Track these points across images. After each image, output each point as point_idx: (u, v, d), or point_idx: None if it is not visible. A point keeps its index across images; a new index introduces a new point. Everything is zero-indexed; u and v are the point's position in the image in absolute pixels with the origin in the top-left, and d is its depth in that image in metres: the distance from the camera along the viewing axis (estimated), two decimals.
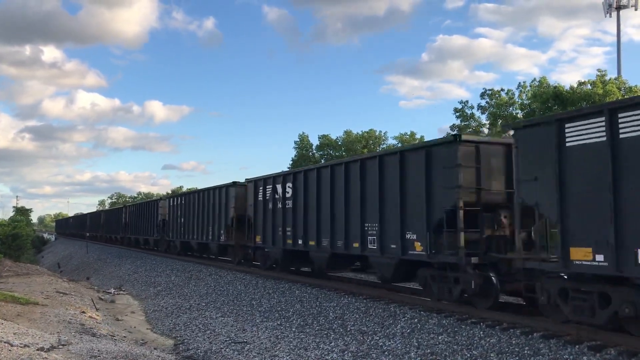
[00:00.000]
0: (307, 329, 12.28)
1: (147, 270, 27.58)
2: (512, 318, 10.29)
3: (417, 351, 9.58)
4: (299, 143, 56.77)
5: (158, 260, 30.33)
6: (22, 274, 26.90)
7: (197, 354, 11.57)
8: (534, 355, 8.37)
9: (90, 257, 42.04)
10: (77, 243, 59.23)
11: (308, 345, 11.04)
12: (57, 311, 14.90)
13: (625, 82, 31.56)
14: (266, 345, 11.48)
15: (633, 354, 7.79)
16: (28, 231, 51.37)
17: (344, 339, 11.07)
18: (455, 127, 39.65)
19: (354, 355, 10.00)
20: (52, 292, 19.74)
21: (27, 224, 66.50)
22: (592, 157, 8.55)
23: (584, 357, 7.93)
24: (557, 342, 8.65)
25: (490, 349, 8.98)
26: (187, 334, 13.72)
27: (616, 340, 8.43)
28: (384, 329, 11.11)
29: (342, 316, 12.59)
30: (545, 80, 34.66)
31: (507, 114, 36.35)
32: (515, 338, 9.18)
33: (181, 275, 23.62)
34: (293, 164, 54.72)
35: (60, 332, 11.98)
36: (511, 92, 37.18)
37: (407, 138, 53.05)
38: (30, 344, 9.64)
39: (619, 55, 42.94)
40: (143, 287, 23.66)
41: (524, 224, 9.89)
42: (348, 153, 50.49)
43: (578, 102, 29.67)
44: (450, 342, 9.65)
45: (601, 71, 32.03)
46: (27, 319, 13.18)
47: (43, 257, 58.63)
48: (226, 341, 12.17)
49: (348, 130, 54.88)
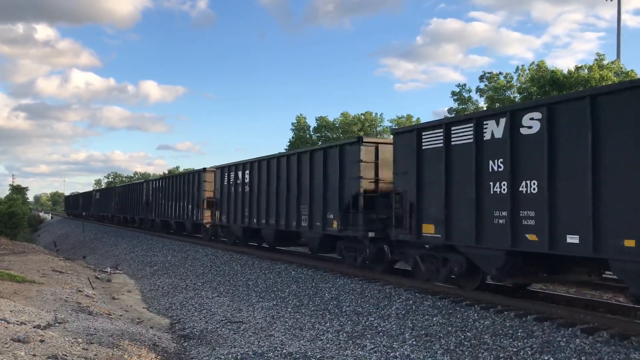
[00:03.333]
0: (303, 310, 12.37)
1: (143, 250, 27.64)
2: (506, 301, 10.42)
3: (412, 332, 9.66)
4: (296, 124, 56.58)
5: (154, 240, 30.38)
6: (19, 253, 26.91)
7: (193, 333, 11.64)
8: (527, 338, 8.46)
9: (86, 236, 42.09)
10: (73, 222, 59.30)
11: (303, 326, 11.12)
12: (54, 289, 14.94)
13: (622, 67, 31.39)
14: (262, 325, 11.56)
15: (625, 336, 7.87)
16: (24, 210, 51.23)
17: (339, 320, 11.15)
18: (453, 110, 39.54)
19: (349, 336, 10.08)
20: (48, 270, 19.78)
21: (24, 202, 66.36)
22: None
23: (576, 340, 8.01)
24: (550, 325, 8.74)
25: (484, 331, 9.06)
26: (183, 313, 13.79)
27: (608, 323, 8.54)
28: (379, 310, 11.20)
29: (337, 297, 12.67)
30: (544, 64, 34.48)
31: (504, 97, 36.24)
32: (509, 320, 9.27)
33: (178, 255, 23.69)
34: (290, 145, 54.58)
35: (57, 310, 12.02)
36: (509, 75, 37.01)
37: (404, 121, 52.92)
38: (26, 322, 9.68)
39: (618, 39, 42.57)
40: (139, 266, 23.73)
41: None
42: (345, 135, 50.37)
43: (575, 86, 29.55)
44: (444, 324, 9.73)
45: (600, 55, 31.87)
46: (24, 297, 13.23)
47: (39, 235, 58.63)
48: (222, 321, 12.25)
49: (345, 112, 54.69)
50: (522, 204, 9.59)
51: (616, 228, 8.15)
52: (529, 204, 9.48)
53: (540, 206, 9.26)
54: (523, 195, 9.59)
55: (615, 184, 8.23)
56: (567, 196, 8.89)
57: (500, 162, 10.03)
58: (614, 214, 8.20)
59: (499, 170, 10.07)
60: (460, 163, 10.88)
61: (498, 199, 10.03)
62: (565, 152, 8.97)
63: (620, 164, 8.18)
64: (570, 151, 8.90)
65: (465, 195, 10.73)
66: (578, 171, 8.72)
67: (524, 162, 9.62)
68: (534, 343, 8.23)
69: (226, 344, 10.47)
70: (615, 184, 8.23)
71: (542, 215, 9.21)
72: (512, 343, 8.39)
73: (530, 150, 9.52)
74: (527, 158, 9.58)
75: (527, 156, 9.57)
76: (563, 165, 8.98)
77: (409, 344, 9.18)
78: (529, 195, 9.49)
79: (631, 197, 7.99)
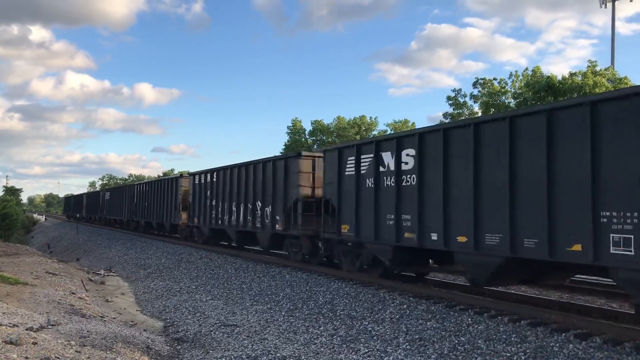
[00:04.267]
0: (297, 313, 12.35)
1: (137, 253, 27.54)
2: (500, 306, 10.45)
3: (406, 336, 9.66)
4: (291, 128, 56.61)
5: (148, 242, 30.29)
6: (12, 254, 26.78)
7: (187, 336, 11.60)
8: (521, 343, 8.47)
9: (80, 238, 41.91)
10: (67, 224, 59.05)
11: (297, 329, 11.10)
12: (47, 291, 14.87)
13: (615, 74, 31.54)
14: (256, 328, 11.54)
15: (618, 342, 7.89)
16: (18, 211, 51.01)
17: (333, 324, 11.14)
18: (449, 115, 39.65)
19: (342, 340, 10.07)
20: (41, 272, 19.69)
21: (17, 203, 66.08)
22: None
23: (570, 345, 8.03)
24: (544, 330, 8.76)
25: (478, 336, 9.07)
26: (177, 316, 13.74)
27: (602, 328, 8.56)
28: (373, 314, 11.19)
29: (331, 301, 12.66)
30: (539, 70, 34.62)
31: (499, 103, 36.36)
32: (503, 325, 9.28)
33: (172, 257, 23.62)
34: (286, 148, 54.63)
35: (50, 312, 11.97)
36: (504, 81, 37.13)
37: (400, 125, 53.04)
38: (19, 324, 9.63)
39: (613, 46, 42.90)
40: (133, 269, 23.64)
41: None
42: (340, 139, 50.43)
43: (569, 92, 29.69)
44: (438, 328, 9.73)
45: (592, 62, 32.02)
46: (16, 299, 13.16)
47: (33, 237, 58.36)
48: (216, 324, 12.21)
49: (340, 116, 54.77)
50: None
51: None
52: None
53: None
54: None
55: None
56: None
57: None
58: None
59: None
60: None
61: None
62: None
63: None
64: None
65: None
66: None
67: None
68: (527, 348, 8.24)
69: (220, 347, 10.45)
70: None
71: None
72: (506, 348, 8.40)
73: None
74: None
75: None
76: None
77: (403, 348, 9.17)
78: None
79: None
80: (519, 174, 9.54)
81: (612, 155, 8.13)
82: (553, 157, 8.94)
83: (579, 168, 8.51)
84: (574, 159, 8.64)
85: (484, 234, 10.15)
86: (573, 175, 8.64)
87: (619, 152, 8.05)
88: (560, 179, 8.83)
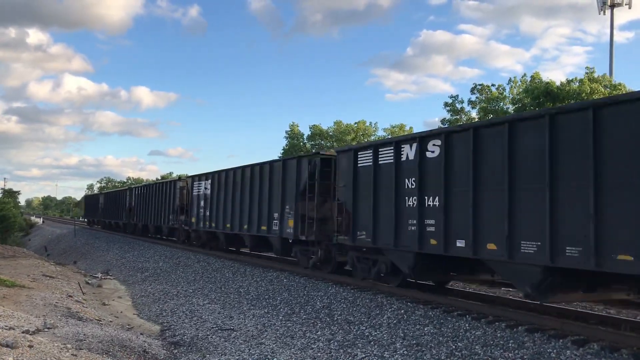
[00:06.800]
0: (294, 318, 12.32)
1: (134, 256, 27.50)
2: (497, 311, 10.44)
3: (403, 342, 9.65)
4: (289, 132, 56.64)
5: (146, 246, 30.25)
6: (9, 257, 26.69)
7: (184, 340, 11.57)
8: (518, 349, 8.46)
9: (77, 241, 41.83)
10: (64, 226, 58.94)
11: (295, 334, 11.08)
12: (44, 294, 14.82)
13: (611, 80, 31.67)
14: (253, 332, 11.52)
15: (615, 348, 7.89)
16: (15, 213, 50.88)
17: (330, 328, 11.12)
18: (446, 120, 39.70)
19: (340, 345, 10.05)
20: (38, 275, 19.63)
21: (15, 206, 65.94)
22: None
23: (567, 351, 8.02)
24: (541, 336, 8.75)
25: (475, 341, 9.06)
26: (174, 320, 13.71)
27: (599, 335, 8.56)
28: (370, 319, 11.18)
29: (329, 305, 12.64)
30: (538, 76, 34.73)
31: (497, 109, 36.44)
32: (500, 331, 9.27)
33: (169, 261, 23.58)
34: (284, 152, 54.61)
35: (46, 315, 11.92)
36: (502, 87, 37.24)
37: (397, 130, 53.16)
38: (15, 327, 9.59)
39: (611, 52, 43.09)
40: (130, 272, 23.59)
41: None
42: (339, 143, 50.45)
43: (568, 98, 29.78)
44: (435, 334, 9.72)
45: (589, 68, 32.15)
46: (13, 302, 13.11)
47: (30, 240, 58.19)
48: (213, 328, 12.19)
49: (338, 121, 54.88)
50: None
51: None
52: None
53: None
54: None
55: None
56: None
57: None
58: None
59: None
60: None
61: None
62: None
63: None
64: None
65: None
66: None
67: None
68: (524, 354, 8.23)
69: (216, 351, 10.42)
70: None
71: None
72: (503, 354, 8.39)
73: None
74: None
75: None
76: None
77: (400, 353, 9.16)
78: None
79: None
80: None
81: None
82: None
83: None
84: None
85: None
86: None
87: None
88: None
